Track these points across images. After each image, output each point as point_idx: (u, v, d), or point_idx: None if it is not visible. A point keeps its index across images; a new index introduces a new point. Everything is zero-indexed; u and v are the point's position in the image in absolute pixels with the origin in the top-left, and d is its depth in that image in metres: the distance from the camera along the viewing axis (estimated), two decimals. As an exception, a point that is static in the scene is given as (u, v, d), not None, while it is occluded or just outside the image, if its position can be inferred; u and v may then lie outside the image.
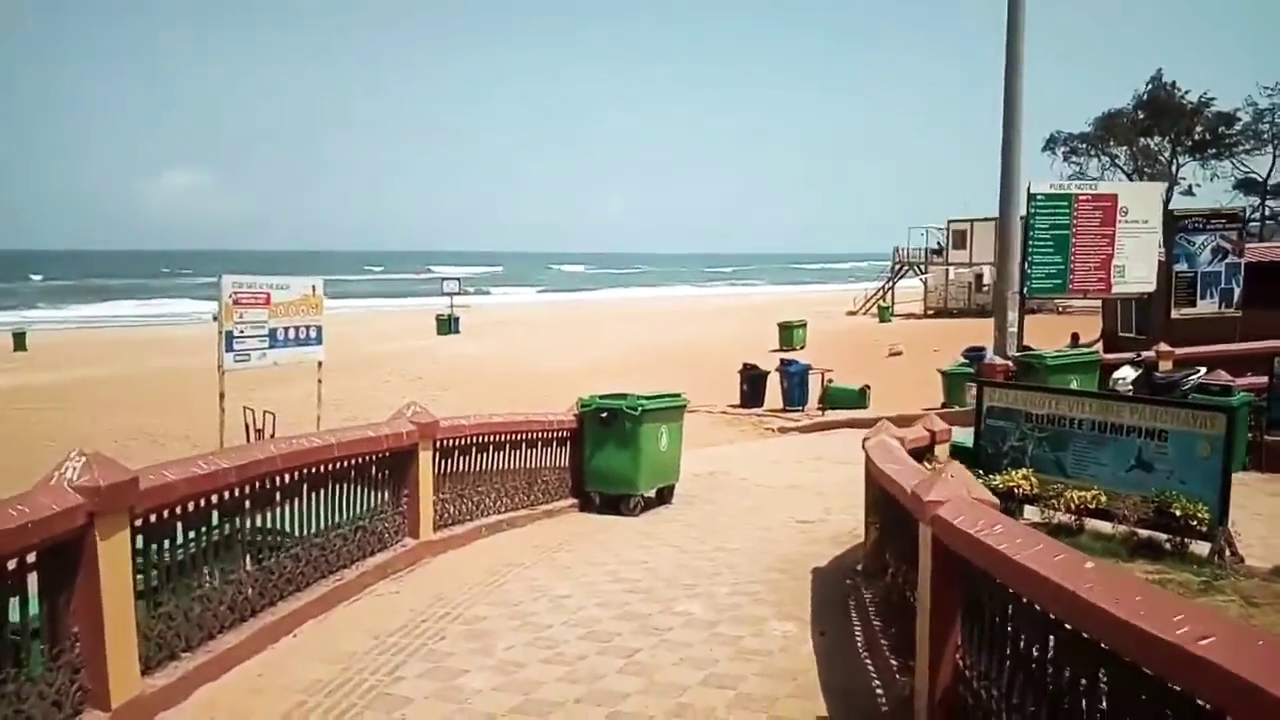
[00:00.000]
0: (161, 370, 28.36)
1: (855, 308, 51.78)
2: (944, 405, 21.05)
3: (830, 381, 22.54)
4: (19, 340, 36.52)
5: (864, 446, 6.49)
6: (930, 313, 48.66)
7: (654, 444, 9.65)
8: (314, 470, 5.78)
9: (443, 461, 7.64)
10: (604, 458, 9.55)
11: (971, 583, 3.37)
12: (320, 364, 15.09)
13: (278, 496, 5.39)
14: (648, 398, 9.65)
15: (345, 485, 6.22)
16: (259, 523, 5.31)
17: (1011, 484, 7.39)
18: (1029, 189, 17.62)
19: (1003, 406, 7.95)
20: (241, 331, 12.90)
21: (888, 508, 5.29)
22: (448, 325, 41.48)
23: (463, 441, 7.97)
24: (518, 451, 8.92)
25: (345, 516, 6.22)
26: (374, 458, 6.53)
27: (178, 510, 4.44)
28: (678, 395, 10.35)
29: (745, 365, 24.35)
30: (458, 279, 49.03)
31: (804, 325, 36.11)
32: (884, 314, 46.44)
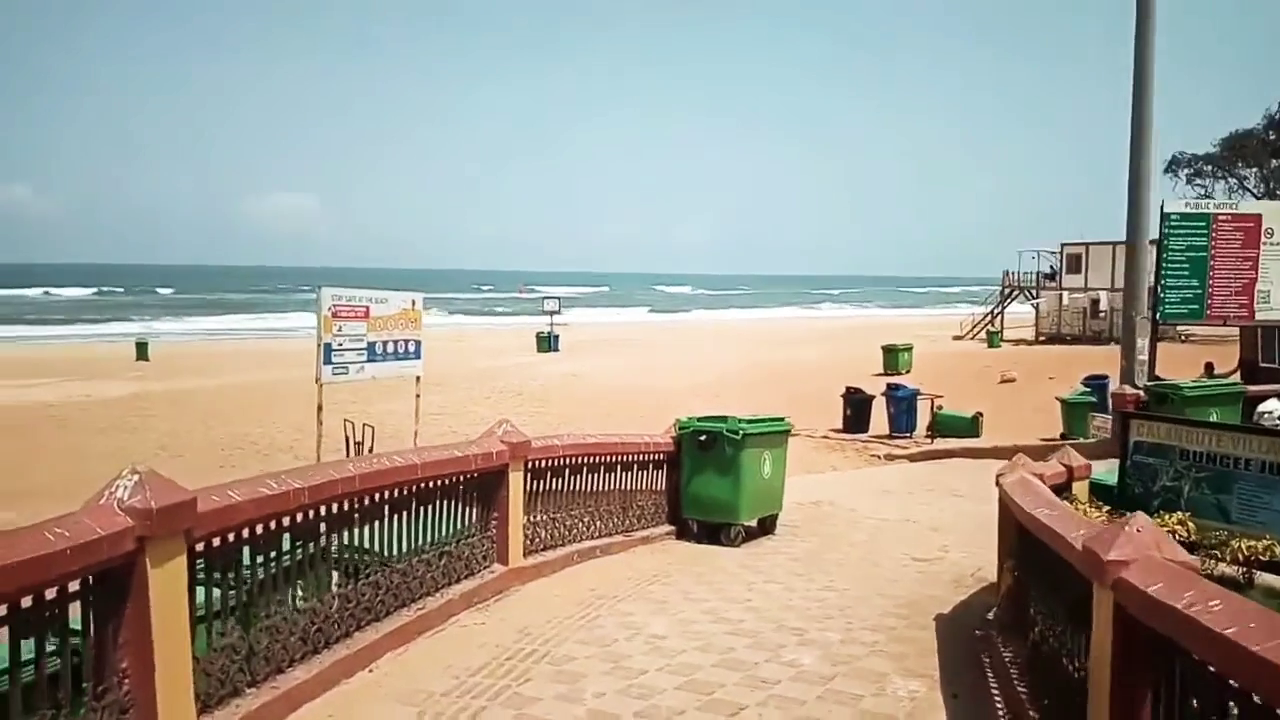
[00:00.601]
0: (271, 381, 29.04)
1: (962, 332, 50.05)
2: (1062, 436, 19.85)
3: (940, 408, 21.48)
4: (141, 350, 38.04)
5: (1000, 483, 5.79)
6: (1042, 339, 46.63)
7: (756, 470, 9.05)
8: (396, 492, 5.40)
9: (534, 483, 7.21)
10: (703, 483, 8.99)
11: (1172, 667, 2.70)
12: (419, 379, 14.97)
13: (356, 519, 5.02)
14: (750, 421, 9.06)
15: (430, 507, 5.82)
16: (340, 542, 4.95)
17: (1165, 529, 6.53)
18: (1162, 208, 16.39)
19: (1153, 442, 7.08)
20: (340, 344, 12.82)
21: (1035, 556, 4.59)
22: (547, 343, 41.68)
23: (556, 462, 7.53)
24: (612, 474, 8.44)
25: (429, 541, 5.82)
26: (461, 478, 6.12)
27: (244, 534, 4.08)
28: (781, 419, 9.73)
29: (849, 389, 23.45)
30: (557, 298, 49.19)
31: (909, 349, 34.92)
32: (993, 339, 44.67)
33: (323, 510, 4.66)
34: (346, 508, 4.91)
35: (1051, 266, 50.03)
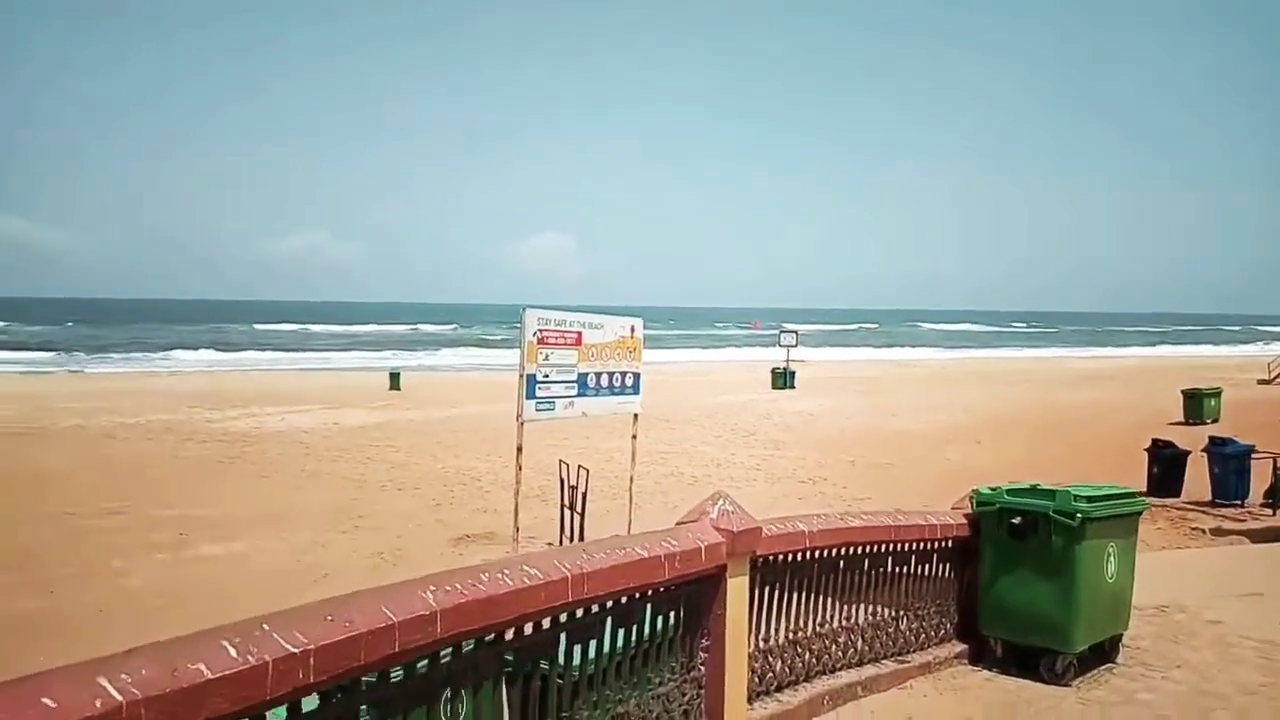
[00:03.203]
0: (507, 412, 28.55)
1: (1269, 375, 42.35)
2: None
3: (1284, 469, 16.92)
4: (394, 380, 39.16)
5: None
6: (1381, 388, 38.57)
7: (1098, 571, 6.13)
8: (527, 630, 3.19)
9: (765, 589, 4.82)
10: (1013, 587, 6.19)
11: None
12: (636, 416, 12.99)
13: (444, 687, 2.82)
14: (1089, 497, 6.14)
15: (592, 648, 3.57)
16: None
17: None
18: None
19: None
20: (546, 375, 11.04)
21: None
22: (783, 380, 39.12)
23: (799, 557, 5.07)
24: (880, 570, 5.86)
25: (589, 704, 3.56)
26: (646, 595, 3.84)
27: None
28: (1132, 494, 6.72)
29: (1156, 441, 19.28)
30: (795, 331, 46.31)
31: (1217, 394, 29.37)
32: (1314, 385, 37.25)
33: (362, 686, 2.50)
34: (421, 671, 2.73)
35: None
